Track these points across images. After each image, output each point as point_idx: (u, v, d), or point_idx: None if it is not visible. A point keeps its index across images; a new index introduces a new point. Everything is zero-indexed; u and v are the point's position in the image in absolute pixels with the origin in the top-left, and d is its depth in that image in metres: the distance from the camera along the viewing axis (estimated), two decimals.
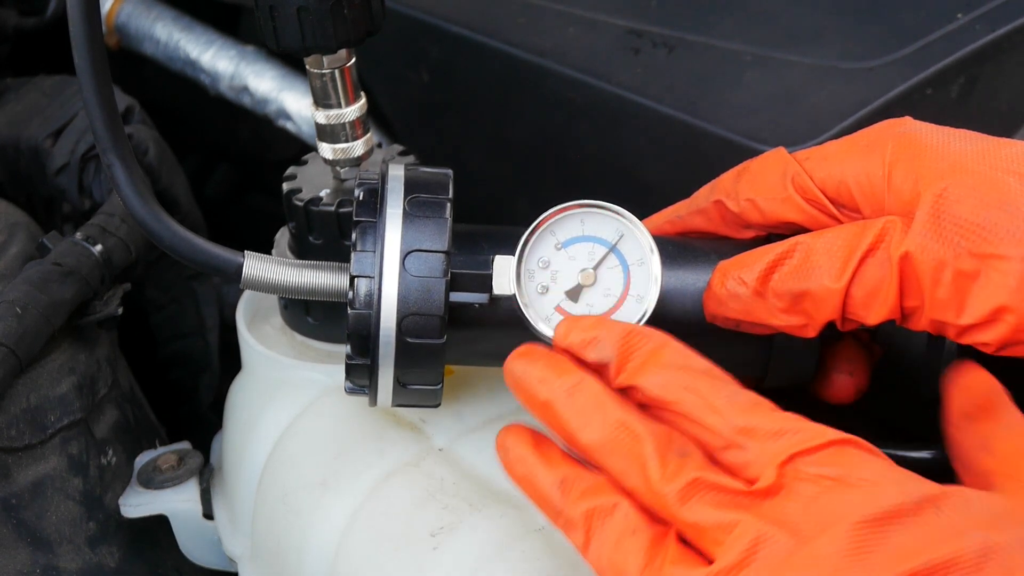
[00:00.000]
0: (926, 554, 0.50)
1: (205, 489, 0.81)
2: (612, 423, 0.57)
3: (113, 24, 1.12)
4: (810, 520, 0.52)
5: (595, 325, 0.61)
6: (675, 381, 0.58)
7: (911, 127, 0.65)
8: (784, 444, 0.55)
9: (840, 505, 0.52)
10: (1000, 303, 0.59)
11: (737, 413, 0.56)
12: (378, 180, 0.66)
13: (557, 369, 0.60)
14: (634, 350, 0.59)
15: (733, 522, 0.53)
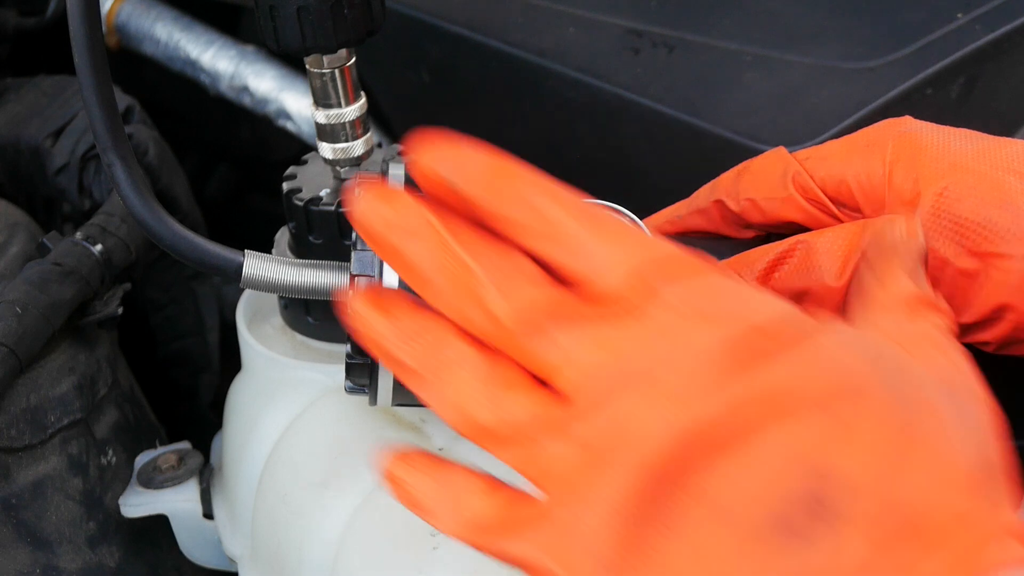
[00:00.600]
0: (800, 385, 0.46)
1: (205, 489, 0.81)
2: (437, 251, 0.50)
3: (113, 24, 1.12)
4: (666, 350, 0.47)
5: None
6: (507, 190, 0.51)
7: (911, 126, 0.65)
8: (634, 254, 0.49)
9: (700, 333, 0.47)
10: (1001, 302, 0.59)
11: (582, 219, 0.50)
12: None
13: (401, 209, 0.51)
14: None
15: (583, 353, 0.47)
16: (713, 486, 0.44)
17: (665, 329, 0.47)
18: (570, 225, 0.49)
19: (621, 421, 0.46)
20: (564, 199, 0.50)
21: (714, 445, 0.44)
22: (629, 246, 0.49)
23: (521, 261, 0.50)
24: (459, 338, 0.50)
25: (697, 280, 0.48)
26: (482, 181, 0.51)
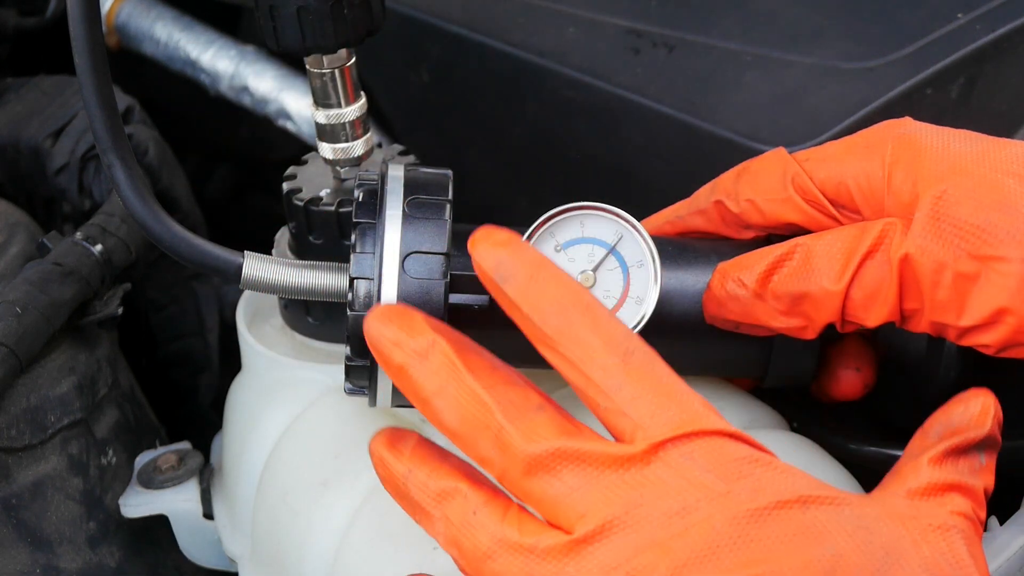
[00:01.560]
0: (777, 560, 0.49)
1: (205, 489, 0.81)
2: (462, 392, 0.53)
3: (113, 24, 1.12)
4: (671, 508, 0.50)
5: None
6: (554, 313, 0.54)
7: (911, 128, 0.65)
8: (667, 422, 0.52)
9: (709, 500, 0.50)
10: (1000, 305, 0.59)
11: (626, 374, 0.53)
12: (377, 181, 0.66)
13: (410, 330, 0.54)
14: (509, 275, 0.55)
15: (592, 497, 0.51)
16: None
17: (671, 497, 0.50)
18: (611, 369, 0.53)
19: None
20: (603, 331, 0.53)
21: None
22: (667, 410, 0.52)
23: (533, 397, 0.53)
24: (463, 480, 0.54)
25: (720, 453, 0.51)
26: (530, 289, 0.54)
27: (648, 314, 0.66)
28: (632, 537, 0.50)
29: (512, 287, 0.54)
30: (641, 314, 0.66)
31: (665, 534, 0.50)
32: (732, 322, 0.66)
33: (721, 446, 0.51)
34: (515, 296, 0.54)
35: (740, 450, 0.52)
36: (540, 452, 0.51)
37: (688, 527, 0.50)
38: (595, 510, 0.51)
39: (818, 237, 0.64)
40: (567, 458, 0.51)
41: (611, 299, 0.66)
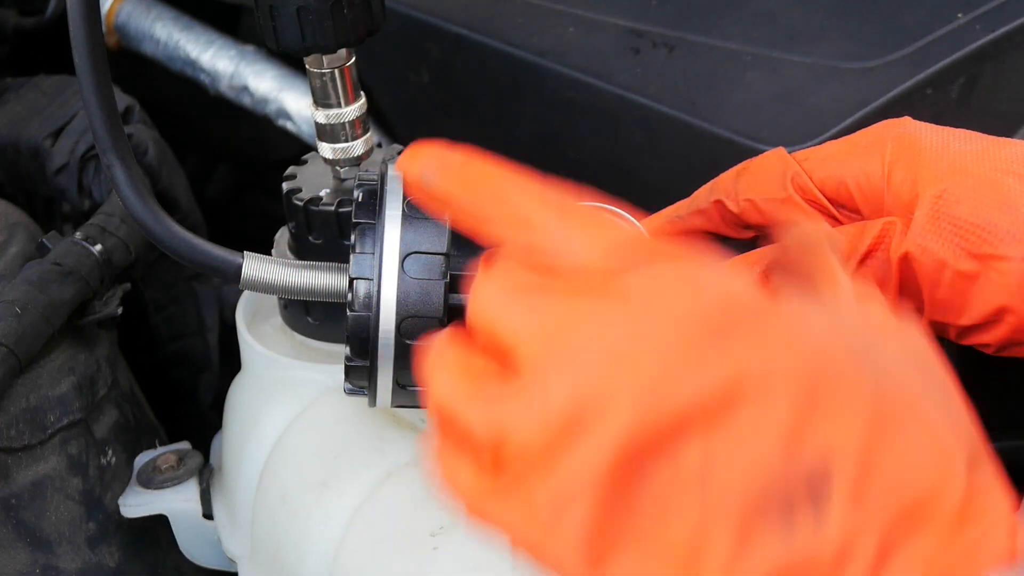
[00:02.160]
0: (760, 359, 0.45)
1: (205, 489, 0.81)
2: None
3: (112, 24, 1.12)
4: (635, 320, 0.46)
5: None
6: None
7: (910, 127, 0.65)
8: (605, 237, 0.49)
9: (671, 305, 0.46)
10: (1000, 304, 0.59)
11: (552, 218, 0.50)
12: (377, 181, 0.66)
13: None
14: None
15: (548, 320, 0.47)
16: (697, 462, 0.44)
17: (638, 303, 0.46)
18: (542, 215, 0.50)
19: (590, 390, 0.45)
20: (535, 192, 0.51)
21: (692, 421, 0.44)
22: (600, 231, 0.49)
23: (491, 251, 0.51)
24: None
25: (668, 259, 0.48)
26: (457, 179, 0.52)
27: None
28: (613, 359, 0.46)
29: (439, 185, 0.53)
30: None
31: (625, 346, 0.46)
32: None
33: (675, 259, 0.48)
34: (442, 190, 0.53)
35: (688, 261, 0.48)
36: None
37: (647, 335, 0.46)
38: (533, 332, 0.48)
39: None
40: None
41: None
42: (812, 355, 0.45)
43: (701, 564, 0.44)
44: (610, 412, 0.44)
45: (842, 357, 0.45)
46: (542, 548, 0.46)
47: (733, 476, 0.44)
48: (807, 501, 0.43)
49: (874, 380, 0.45)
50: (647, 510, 0.44)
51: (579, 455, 0.45)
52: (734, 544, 0.43)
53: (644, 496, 0.44)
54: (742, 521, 0.43)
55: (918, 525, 0.43)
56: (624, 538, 0.45)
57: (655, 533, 0.44)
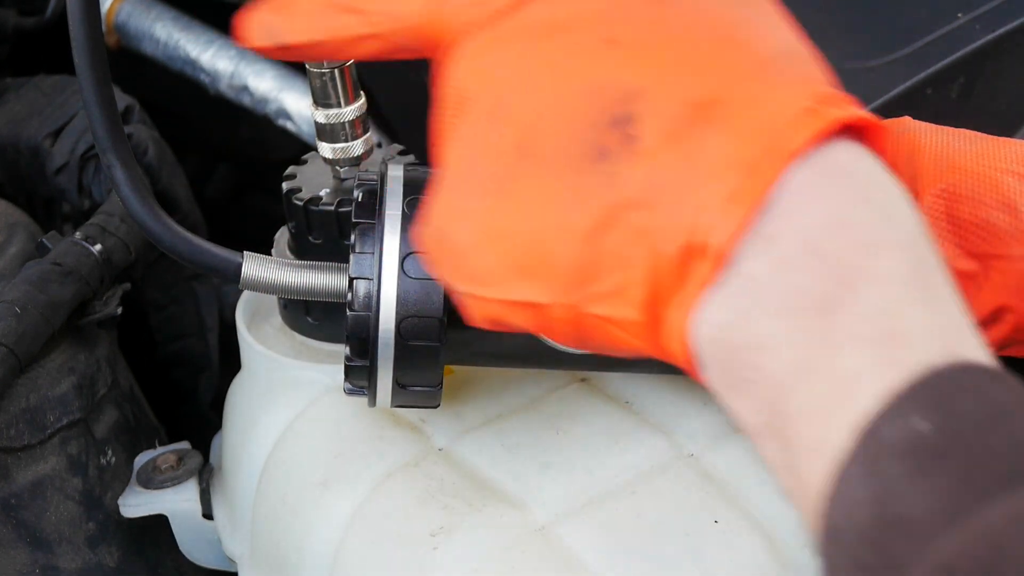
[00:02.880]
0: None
1: (205, 489, 0.81)
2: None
3: (112, 23, 1.12)
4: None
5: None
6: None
7: (910, 127, 0.65)
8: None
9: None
10: (1000, 303, 0.59)
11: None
12: (377, 181, 0.66)
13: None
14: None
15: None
16: (514, 121, 0.47)
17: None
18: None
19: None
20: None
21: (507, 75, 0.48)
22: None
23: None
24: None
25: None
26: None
27: None
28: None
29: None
30: None
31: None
32: None
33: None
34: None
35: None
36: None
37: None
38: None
39: None
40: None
41: None
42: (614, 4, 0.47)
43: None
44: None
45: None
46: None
47: (545, 130, 0.46)
48: (621, 141, 0.45)
49: (676, 14, 0.47)
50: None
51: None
52: (563, 196, 0.46)
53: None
54: (564, 173, 0.46)
55: (722, 126, 0.44)
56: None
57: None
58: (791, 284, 0.43)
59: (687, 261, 0.44)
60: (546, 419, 0.72)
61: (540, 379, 0.74)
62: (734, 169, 0.44)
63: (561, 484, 0.68)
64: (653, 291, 0.45)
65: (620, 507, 0.67)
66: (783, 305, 0.43)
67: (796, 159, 0.44)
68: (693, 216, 0.44)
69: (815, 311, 0.42)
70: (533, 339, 0.65)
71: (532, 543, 0.66)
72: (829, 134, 0.45)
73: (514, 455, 0.70)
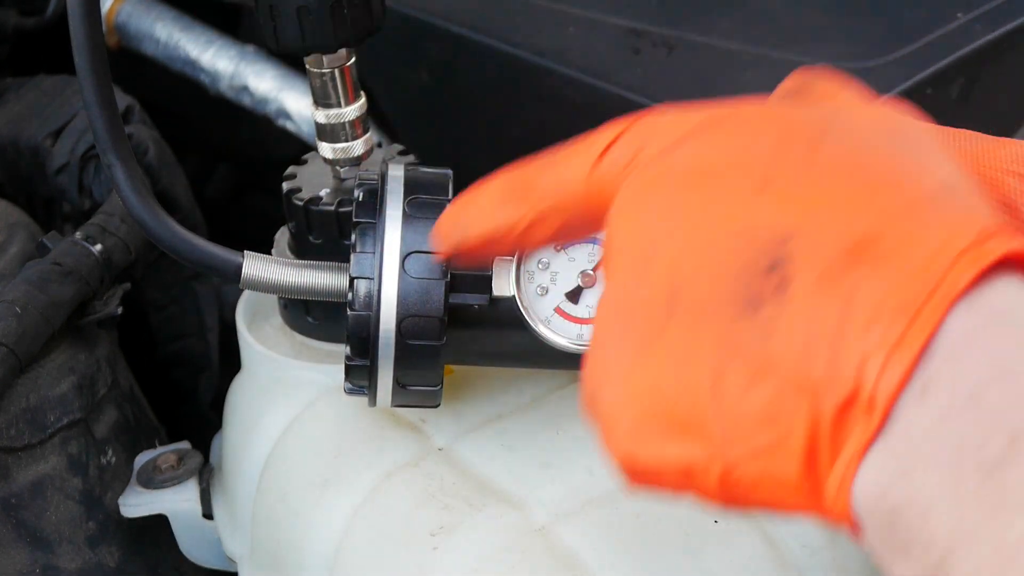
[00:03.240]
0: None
1: (205, 489, 0.81)
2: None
3: (113, 24, 1.12)
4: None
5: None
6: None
7: None
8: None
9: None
10: None
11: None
12: (377, 181, 0.66)
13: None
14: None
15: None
16: (663, 272, 0.45)
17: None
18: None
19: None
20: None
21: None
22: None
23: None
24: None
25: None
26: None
27: None
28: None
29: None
30: None
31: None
32: None
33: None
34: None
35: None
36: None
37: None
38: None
39: None
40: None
41: None
42: (767, 137, 0.46)
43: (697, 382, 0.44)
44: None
45: (800, 129, 0.46)
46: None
47: (695, 279, 0.45)
48: (772, 290, 0.43)
49: (834, 146, 0.45)
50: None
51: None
52: (719, 353, 0.44)
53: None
54: (725, 324, 0.44)
55: (878, 267, 0.42)
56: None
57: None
58: (954, 440, 0.40)
59: (848, 414, 0.42)
60: (546, 419, 0.72)
61: (540, 379, 0.74)
62: (894, 315, 0.41)
63: (561, 484, 0.68)
64: (812, 446, 0.43)
65: (620, 507, 0.67)
66: (946, 462, 0.40)
67: (957, 301, 0.41)
68: (854, 367, 0.41)
69: (981, 470, 0.40)
70: (533, 339, 0.65)
71: (532, 543, 0.66)
72: (990, 271, 0.42)
73: (514, 455, 0.70)
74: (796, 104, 0.49)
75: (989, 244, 0.42)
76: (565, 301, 0.66)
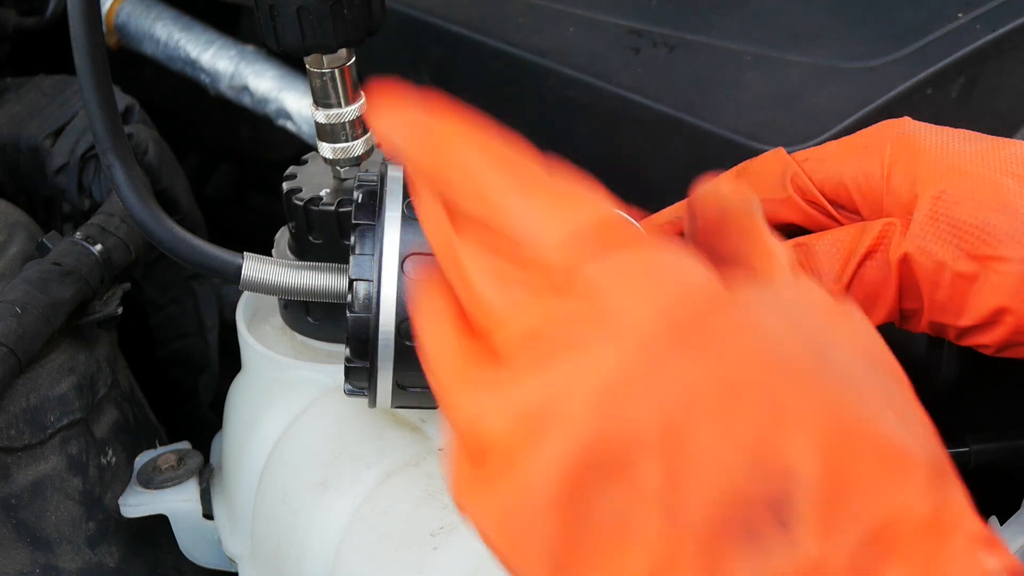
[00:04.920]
0: (721, 360, 0.44)
1: (205, 489, 0.81)
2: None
3: (113, 23, 1.12)
4: (598, 323, 0.45)
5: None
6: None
7: (910, 128, 0.65)
8: (565, 222, 0.48)
9: (626, 304, 0.45)
10: (999, 305, 0.59)
11: (513, 195, 0.49)
12: (377, 182, 0.66)
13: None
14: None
15: (515, 316, 0.47)
16: (657, 481, 0.43)
17: (595, 301, 0.45)
18: (502, 190, 0.49)
19: (552, 395, 0.44)
20: (498, 161, 0.49)
21: (650, 438, 0.43)
22: (560, 213, 0.48)
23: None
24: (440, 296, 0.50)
25: (627, 249, 0.47)
26: (426, 146, 0.50)
27: None
28: (572, 361, 0.45)
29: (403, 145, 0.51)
30: None
31: (588, 351, 0.45)
32: None
33: (635, 249, 0.47)
34: (405, 151, 0.51)
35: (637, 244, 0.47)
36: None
37: (610, 339, 0.45)
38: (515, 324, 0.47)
39: (818, 237, 0.64)
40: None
41: None
42: (771, 361, 0.44)
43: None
44: (568, 421, 0.44)
45: (800, 358, 0.44)
46: (509, 560, 0.45)
47: (696, 497, 0.42)
48: (772, 523, 0.42)
49: (830, 382, 0.44)
50: (609, 530, 0.43)
51: (539, 460, 0.44)
52: (709, 570, 0.42)
53: (605, 514, 0.43)
54: (707, 547, 0.42)
55: (887, 550, 0.42)
56: (588, 561, 0.44)
57: (619, 557, 0.43)
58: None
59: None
60: None
61: None
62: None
63: None
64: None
65: None
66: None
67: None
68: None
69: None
70: None
71: None
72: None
73: None
74: (753, 290, 0.47)
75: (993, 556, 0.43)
76: None
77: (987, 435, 0.74)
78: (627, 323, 0.45)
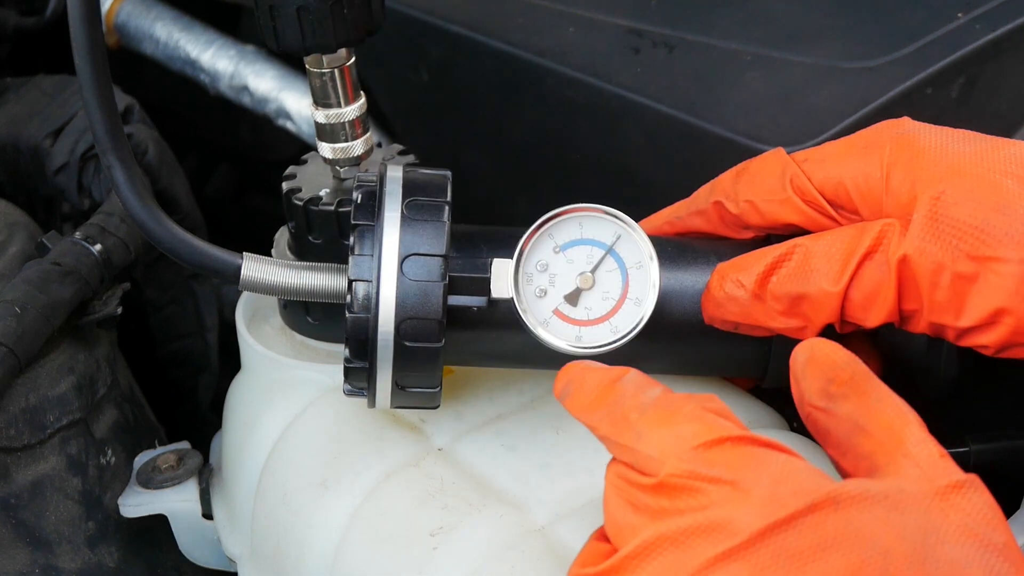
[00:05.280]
0: (826, 559, 0.48)
1: (204, 489, 0.81)
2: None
3: (113, 23, 1.12)
4: (699, 530, 0.51)
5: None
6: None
7: (909, 128, 0.65)
8: (679, 440, 0.54)
9: (732, 513, 0.51)
10: (998, 305, 0.59)
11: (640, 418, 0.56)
12: (376, 182, 0.66)
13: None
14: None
15: (631, 524, 0.53)
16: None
17: (708, 513, 0.51)
18: (633, 417, 0.56)
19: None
20: (633, 390, 0.56)
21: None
22: (675, 436, 0.53)
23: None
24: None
25: (737, 460, 0.52)
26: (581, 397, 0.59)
27: (647, 315, 0.66)
28: (667, 559, 0.51)
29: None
30: (640, 315, 0.66)
31: (701, 554, 0.50)
32: (731, 323, 0.66)
33: (737, 451, 0.52)
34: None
35: (750, 451, 0.52)
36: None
37: (721, 544, 0.50)
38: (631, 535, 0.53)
39: (817, 238, 0.64)
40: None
41: (610, 300, 0.66)
42: (877, 558, 0.48)
43: None
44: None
45: (904, 563, 0.48)
46: None
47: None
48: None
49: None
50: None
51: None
52: None
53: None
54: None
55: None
56: None
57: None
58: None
59: None
60: (546, 419, 0.72)
61: (540, 379, 0.74)
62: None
63: (561, 484, 0.68)
64: None
65: None
66: None
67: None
68: None
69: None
70: (533, 339, 0.65)
71: (532, 543, 0.66)
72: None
73: (514, 455, 0.70)
74: (867, 494, 0.51)
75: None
76: (564, 303, 0.66)
77: (987, 435, 0.74)
78: (730, 532, 0.50)
